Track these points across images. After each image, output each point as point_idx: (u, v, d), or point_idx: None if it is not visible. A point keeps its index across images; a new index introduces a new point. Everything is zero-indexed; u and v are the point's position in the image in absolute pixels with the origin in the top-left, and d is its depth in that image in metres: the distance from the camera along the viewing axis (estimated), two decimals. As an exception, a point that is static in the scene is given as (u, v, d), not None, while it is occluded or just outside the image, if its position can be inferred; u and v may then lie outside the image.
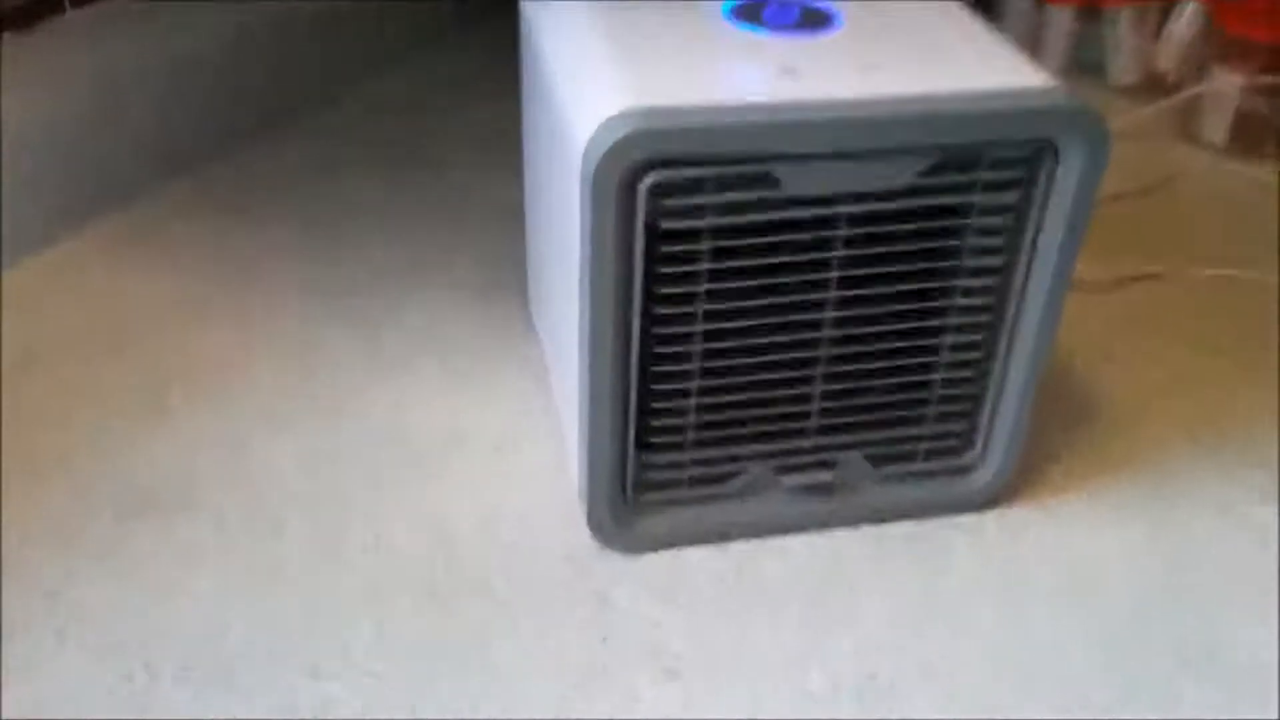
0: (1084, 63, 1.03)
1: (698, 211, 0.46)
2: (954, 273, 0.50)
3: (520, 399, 0.64)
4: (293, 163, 0.87)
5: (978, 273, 0.50)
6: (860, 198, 0.47)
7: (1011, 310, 0.51)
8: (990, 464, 0.55)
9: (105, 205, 0.79)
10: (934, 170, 0.46)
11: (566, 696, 0.48)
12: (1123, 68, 1.01)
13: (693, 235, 0.47)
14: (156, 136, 0.82)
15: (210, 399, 0.63)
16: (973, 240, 0.49)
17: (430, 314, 0.70)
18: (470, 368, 0.66)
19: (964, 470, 0.56)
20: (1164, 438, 0.61)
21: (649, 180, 0.44)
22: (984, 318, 0.52)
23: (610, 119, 0.44)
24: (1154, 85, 0.98)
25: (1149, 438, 0.61)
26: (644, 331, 0.49)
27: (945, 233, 0.49)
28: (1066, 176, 0.48)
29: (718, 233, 0.47)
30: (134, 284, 0.72)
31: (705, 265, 0.47)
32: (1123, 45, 1.00)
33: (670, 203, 0.45)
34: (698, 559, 0.54)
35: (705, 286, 0.48)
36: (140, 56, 0.81)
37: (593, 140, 0.44)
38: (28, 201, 0.74)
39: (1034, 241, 0.49)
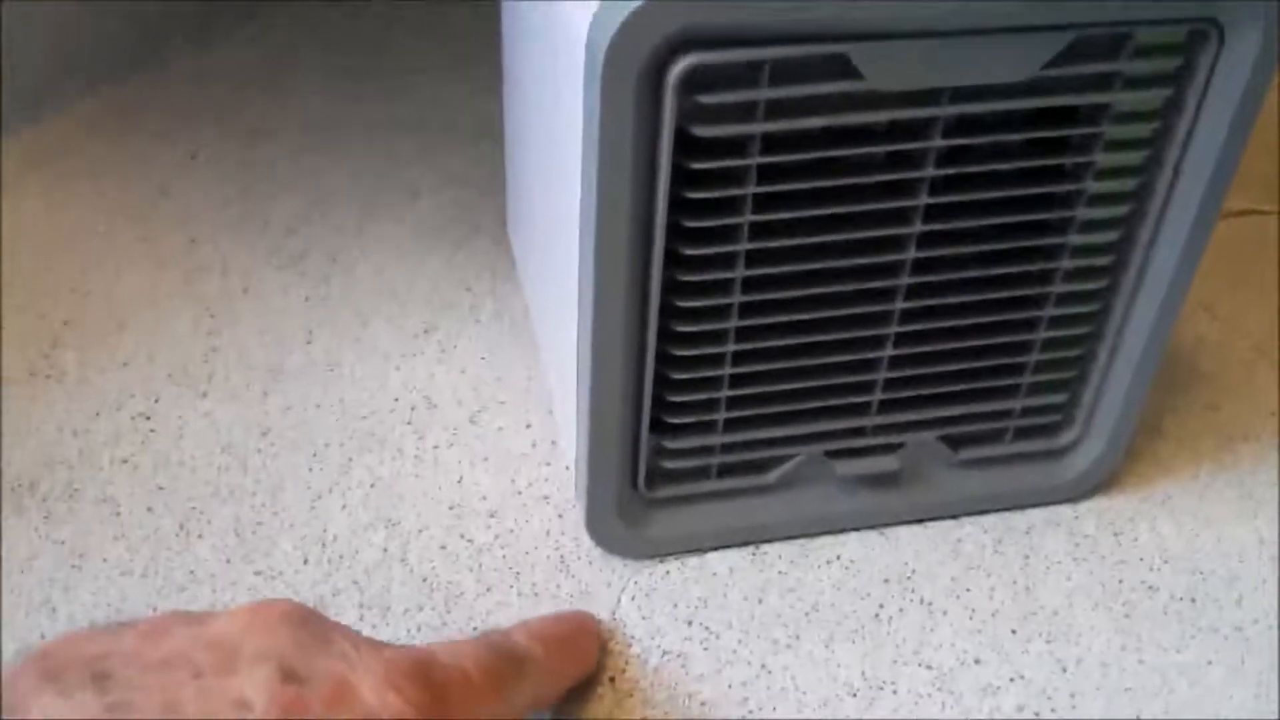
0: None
1: (745, 113, 0.34)
2: (1073, 200, 0.38)
3: (497, 356, 0.51)
4: (228, 72, 0.74)
5: (1103, 200, 0.38)
6: (963, 96, 0.35)
7: (1140, 250, 0.40)
8: (1092, 445, 0.44)
9: (5, 121, 0.66)
10: (1062, 59, 0.34)
11: (565, 758, 0.37)
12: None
13: (736, 148, 0.35)
14: (69, 41, 0.68)
15: (111, 358, 0.50)
16: (1102, 157, 0.37)
17: (387, 255, 0.58)
18: (436, 322, 0.54)
19: (1059, 453, 0.44)
20: (1285, 406, 0.50)
21: (681, 65, 0.32)
22: (1105, 260, 0.40)
23: (627, -20, 0.31)
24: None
25: (1270, 407, 0.50)
26: (666, 280, 0.37)
27: (1066, 147, 0.37)
28: (1231, 72, 0.36)
29: (769, 145, 0.35)
30: (30, 214, 0.59)
31: (750, 189, 0.35)
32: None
33: (709, 99, 0.33)
34: (728, 567, 0.43)
35: (749, 218, 0.36)
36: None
37: (602, 10, 0.32)
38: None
39: (1180, 159, 0.38)
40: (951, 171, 0.36)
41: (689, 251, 0.36)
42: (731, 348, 0.39)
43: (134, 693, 0.27)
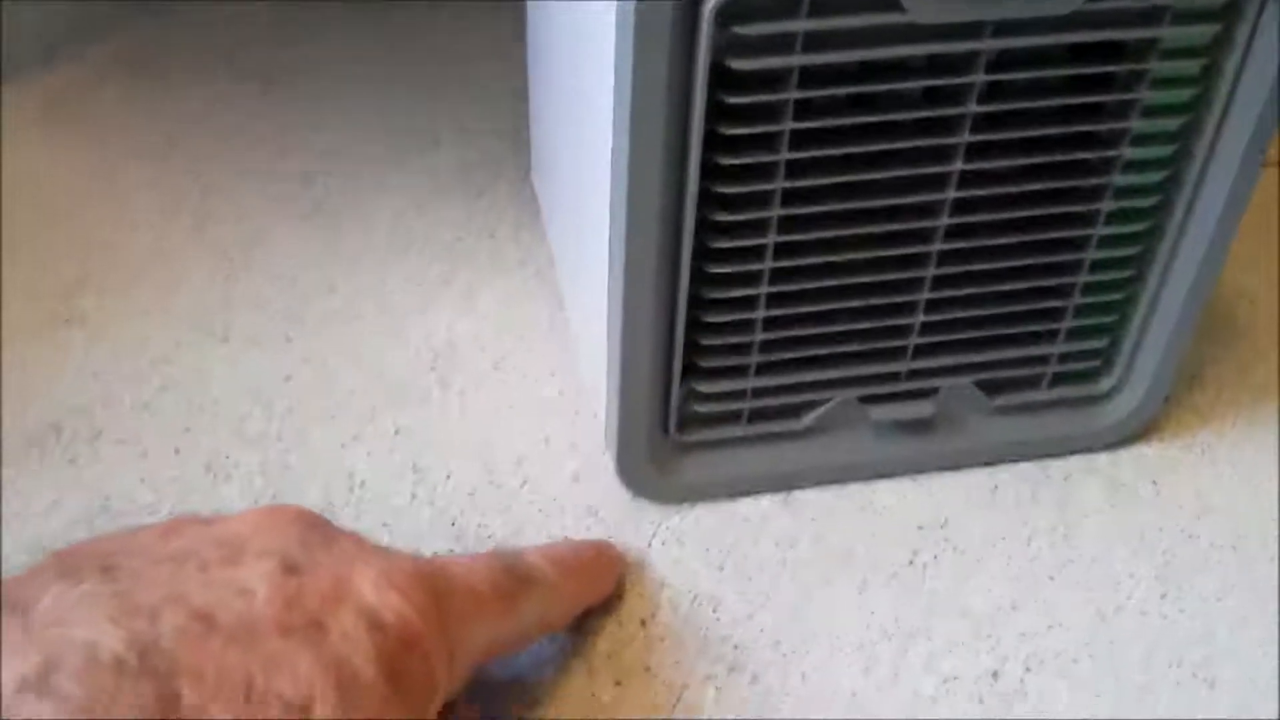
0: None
1: (783, 46, 0.33)
2: (1117, 139, 0.37)
3: (522, 304, 0.51)
4: (240, 18, 0.72)
5: (1148, 139, 0.37)
6: (1006, 30, 0.34)
7: (1186, 192, 0.38)
8: (1132, 392, 0.43)
9: (14, 71, 0.65)
10: (1112, -11, 0.33)
11: (603, 698, 0.36)
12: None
13: (772, 82, 0.34)
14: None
15: (130, 306, 0.50)
16: (1148, 94, 0.36)
17: (406, 201, 0.57)
18: (457, 267, 0.53)
19: (1097, 400, 0.44)
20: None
21: (720, -5, 0.31)
22: (1149, 201, 0.39)
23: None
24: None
25: (1309, 355, 0.49)
26: (700, 220, 0.36)
27: (1112, 84, 0.36)
28: (1286, 3, 0.34)
29: (806, 80, 0.34)
30: (43, 164, 0.58)
31: (787, 125, 0.34)
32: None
33: (745, 31, 0.32)
34: (760, 513, 0.42)
35: (785, 156, 0.35)
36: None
37: (639, -65, 0.31)
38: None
39: (1229, 98, 0.36)
40: (993, 108, 0.35)
41: (724, 190, 0.35)
42: (766, 289, 0.38)
43: (140, 581, 0.27)
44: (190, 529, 0.30)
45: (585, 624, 0.38)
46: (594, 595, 0.38)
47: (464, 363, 0.48)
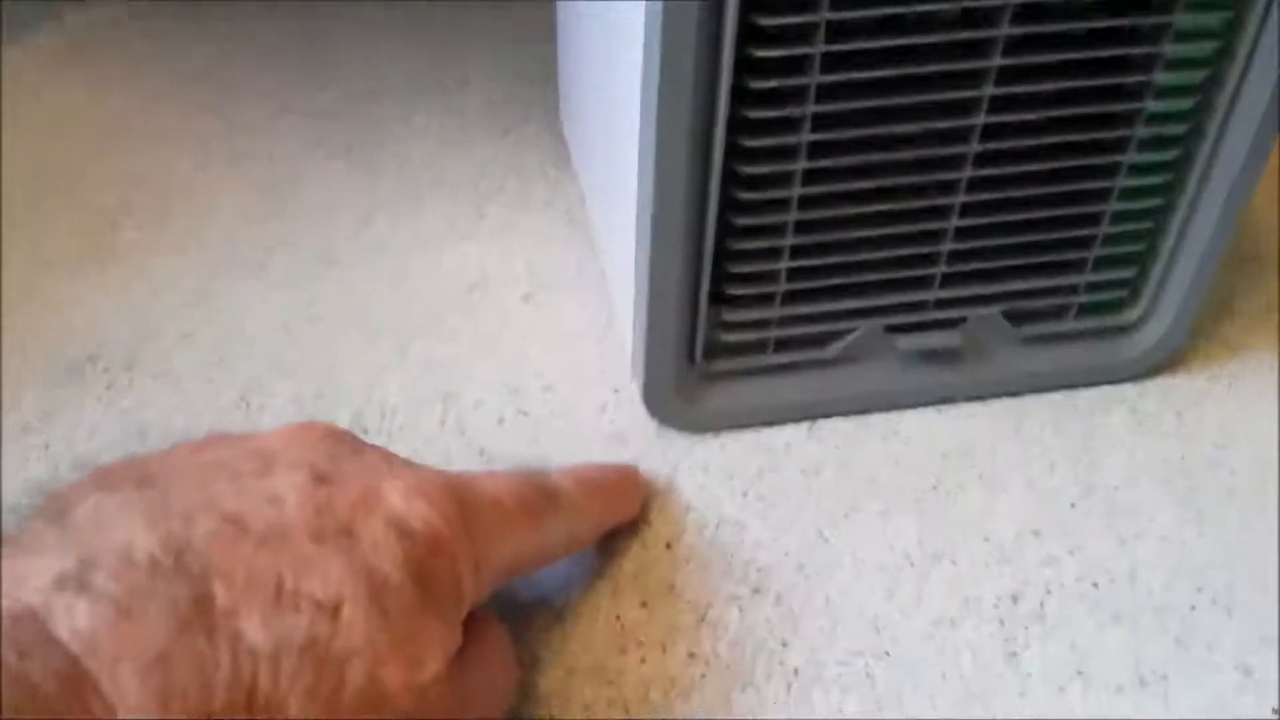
0: None
1: (813, -33, 0.33)
2: (1149, 64, 0.37)
3: (551, 240, 0.51)
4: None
5: (1181, 65, 0.37)
6: (1038, -50, 0.34)
7: (1217, 119, 0.38)
8: (1158, 323, 0.43)
9: (44, 11, 0.65)
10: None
11: (627, 618, 0.37)
12: None
13: (803, 5, 0.34)
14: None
15: (167, 240, 0.51)
16: (1181, 18, 0.36)
17: (437, 138, 0.57)
18: (487, 204, 0.53)
19: (1124, 330, 0.44)
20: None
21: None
22: (1180, 128, 0.39)
23: None
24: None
25: (1338, 291, 0.49)
26: (729, 146, 0.36)
27: (1146, 6, 0.36)
28: (1322, -77, 0.34)
29: (838, 2, 0.34)
30: (77, 102, 0.59)
31: (819, 48, 0.34)
32: None
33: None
34: (785, 442, 0.42)
35: (817, 79, 0.35)
36: None
37: None
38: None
39: (1262, 21, 0.36)
40: (1025, 30, 0.35)
41: (754, 115, 0.35)
42: (794, 216, 0.38)
43: (174, 490, 0.28)
44: (223, 444, 0.31)
45: (611, 545, 0.39)
46: (619, 516, 0.39)
47: (494, 297, 0.48)
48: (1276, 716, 0.35)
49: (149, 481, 0.28)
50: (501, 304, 0.48)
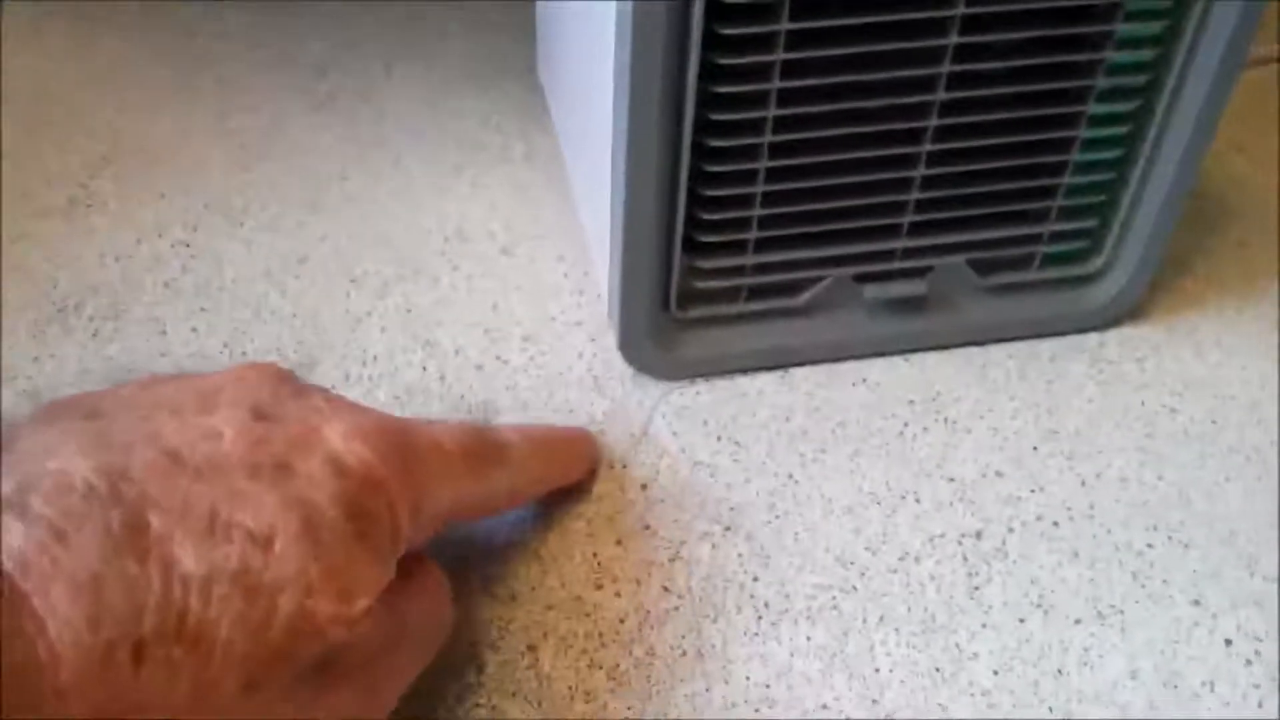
0: None
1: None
2: (1110, 13, 0.38)
3: (529, 194, 0.52)
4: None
5: (1140, 15, 0.38)
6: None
7: (1175, 72, 0.39)
8: (1119, 273, 0.44)
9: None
10: None
11: (603, 555, 0.38)
12: None
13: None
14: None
15: (148, 190, 0.51)
16: (1141, -31, 0.37)
17: (415, 94, 0.58)
18: (466, 158, 0.54)
19: (1086, 280, 0.45)
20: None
21: None
22: (1139, 80, 0.40)
23: None
24: None
25: (1296, 245, 0.50)
26: (701, 94, 0.37)
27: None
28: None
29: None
30: (59, 56, 0.59)
31: (787, 4, 0.35)
32: None
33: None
34: (757, 388, 0.44)
35: (786, 26, 0.36)
36: None
37: None
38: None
39: (1220, -28, 0.37)
40: (989, -18, 0.36)
41: (725, 61, 0.36)
42: (765, 164, 0.39)
43: (116, 423, 0.28)
44: (172, 382, 0.31)
45: (588, 488, 0.40)
46: (565, 477, 0.39)
47: (473, 248, 0.49)
48: (1227, 646, 0.36)
49: (94, 415, 0.29)
50: (480, 255, 0.49)
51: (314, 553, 0.27)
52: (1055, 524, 0.40)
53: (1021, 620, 0.37)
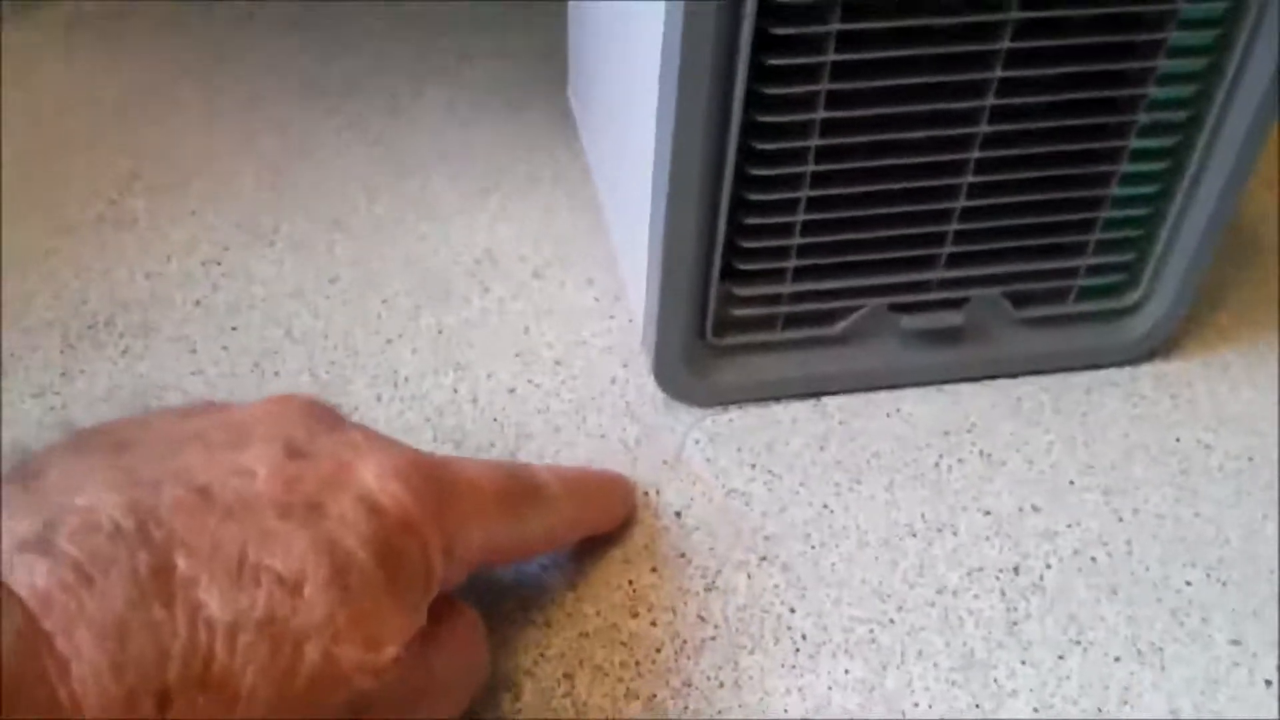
0: None
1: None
2: (1153, 51, 0.38)
3: (559, 216, 0.52)
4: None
5: (1183, 52, 0.38)
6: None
7: (1216, 108, 0.39)
8: (1155, 307, 0.44)
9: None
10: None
11: (639, 583, 0.38)
12: None
13: (821, -15, 0.35)
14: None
15: (179, 208, 0.51)
16: (1185, 5, 0.37)
17: (445, 114, 0.58)
18: (496, 180, 0.54)
19: (1122, 314, 0.45)
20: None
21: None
22: (1180, 115, 0.40)
23: None
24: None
25: (1327, 281, 0.50)
26: (745, 122, 0.37)
27: (1152, -7, 0.37)
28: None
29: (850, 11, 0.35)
30: (90, 73, 0.59)
31: (835, 26, 0.35)
32: None
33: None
34: (791, 416, 0.43)
35: (831, 58, 0.36)
36: None
37: None
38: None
39: (1260, 12, 0.37)
40: (1033, 14, 0.36)
41: (769, 91, 0.36)
42: (806, 193, 0.39)
43: (146, 458, 0.28)
44: (203, 414, 0.30)
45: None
46: (601, 522, 0.39)
47: (503, 270, 0.49)
48: (1268, 687, 0.36)
49: (123, 447, 0.28)
50: (510, 278, 0.49)
51: (342, 598, 0.26)
52: (1093, 559, 0.39)
53: (1061, 657, 0.37)
